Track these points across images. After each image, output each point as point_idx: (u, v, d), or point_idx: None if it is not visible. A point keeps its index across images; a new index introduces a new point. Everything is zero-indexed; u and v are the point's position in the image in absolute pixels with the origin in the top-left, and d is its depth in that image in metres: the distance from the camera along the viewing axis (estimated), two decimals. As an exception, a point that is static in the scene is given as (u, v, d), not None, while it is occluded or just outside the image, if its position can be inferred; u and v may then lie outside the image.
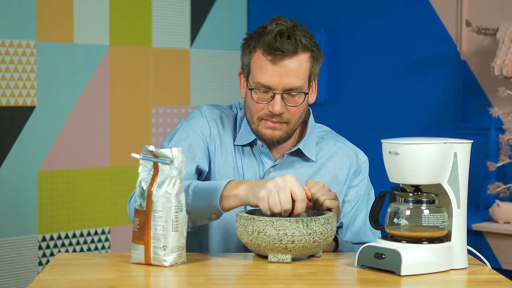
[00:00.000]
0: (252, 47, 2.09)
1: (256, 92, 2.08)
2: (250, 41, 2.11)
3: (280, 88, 2.06)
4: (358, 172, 2.21)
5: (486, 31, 3.54)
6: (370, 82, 4.13)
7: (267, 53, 2.04)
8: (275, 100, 2.06)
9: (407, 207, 1.83)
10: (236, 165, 2.17)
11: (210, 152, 2.17)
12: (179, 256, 1.82)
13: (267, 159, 2.17)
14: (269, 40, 2.03)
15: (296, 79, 2.06)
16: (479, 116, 3.73)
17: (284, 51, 2.03)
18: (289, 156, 2.18)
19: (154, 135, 4.18)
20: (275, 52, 2.04)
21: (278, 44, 2.03)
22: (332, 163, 2.20)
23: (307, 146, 2.18)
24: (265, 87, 2.06)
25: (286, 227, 1.82)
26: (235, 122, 2.21)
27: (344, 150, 2.22)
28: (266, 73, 2.05)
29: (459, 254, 1.83)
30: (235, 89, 4.57)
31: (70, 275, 1.75)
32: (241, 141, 2.18)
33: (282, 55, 2.04)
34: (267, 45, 2.04)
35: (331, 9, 4.26)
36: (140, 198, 1.82)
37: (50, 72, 3.77)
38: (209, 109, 2.21)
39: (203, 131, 2.17)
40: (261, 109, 2.09)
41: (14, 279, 3.66)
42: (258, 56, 2.07)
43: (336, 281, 1.78)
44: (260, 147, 2.17)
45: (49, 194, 3.77)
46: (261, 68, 2.06)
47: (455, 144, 1.83)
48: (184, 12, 4.31)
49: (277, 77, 2.05)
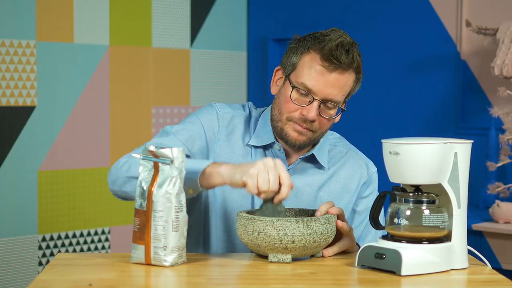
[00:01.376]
0: (307, 48, 2.07)
1: (296, 92, 2.07)
2: (304, 42, 2.09)
3: (321, 96, 2.05)
4: (368, 183, 2.21)
5: (486, 31, 3.54)
6: (370, 82, 4.12)
7: (324, 59, 2.03)
8: (312, 106, 2.05)
9: (408, 207, 1.83)
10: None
11: (210, 151, 2.15)
12: (179, 256, 1.82)
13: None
14: (330, 47, 2.03)
15: (339, 93, 2.06)
16: (479, 116, 3.73)
17: (341, 62, 2.03)
18: (302, 162, 2.17)
19: (154, 135, 4.18)
20: (331, 60, 2.03)
21: (338, 54, 2.03)
22: (343, 172, 2.19)
23: (320, 152, 2.17)
24: (307, 90, 2.05)
25: (286, 227, 1.82)
26: (249, 122, 2.19)
27: (356, 159, 2.22)
28: (313, 78, 2.04)
29: (459, 254, 1.84)
30: (235, 89, 4.60)
31: (70, 275, 1.75)
32: (258, 141, 2.15)
33: (336, 66, 2.04)
34: (326, 52, 2.03)
35: (331, 9, 4.26)
36: (140, 198, 1.82)
37: (50, 72, 3.77)
38: (222, 108, 2.19)
39: (213, 128, 2.15)
40: (294, 110, 2.07)
41: (14, 279, 3.66)
42: (312, 58, 2.06)
43: (336, 281, 1.78)
44: (277, 151, 2.15)
45: (49, 194, 3.77)
46: (310, 70, 2.05)
47: (455, 144, 1.83)
48: (184, 12, 4.31)
49: (322, 85, 2.04)
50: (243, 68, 4.58)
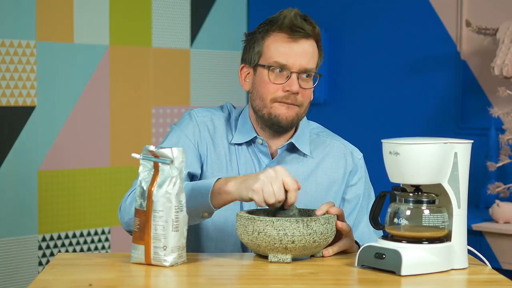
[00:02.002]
0: (265, 31, 2.13)
1: (272, 72, 2.11)
2: (261, 30, 2.14)
3: (296, 68, 2.10)
4: (355, 170, 2.22)
5: (486, 31, 3.54)
6: (370, 82, 4.13)
7: (287, 32, 2.09)
8: (292, 79, 2.10)
9: (408, 207, 1.83)
10: (231, 165, 2.17)
11: (202, 155, 2.17)
12: (179, 256, 1.82)
13: (264, 157, 2.17)
14: (290, 19, 2.09)
15: (311, 61, 2.12)
16: (479, 116, 3.73)
17: (305, 29, 2.10)
18: (285, 154, 2.18)
19: (154, 135, 4.18)
20: (296, 29, 2.09)
21: (299, 23, 2.10)
22: (328, 162, 2.21)
23: (300, 140, 2.19)
24: (281, 66, 2.10)
25: (286, 227, 1.82)
26: (229, 122, 2.22)
27: (340, 148, 2.23)
28: (284, 52, 2.10)
29: (459, 254, 1.83)
30: (235, 89, 4.60)
31: (70, 275, 1.75)
32: (240, 138, 2.18)
33: (302, 34, 2.10)
34: (287, 24, 2.09)
35: (331, 9, 4.26)
36: (140, 198, 1.82)
37: (50, 72, 3.77)
38: (199, 112, 2.23)
39: (194, 134, 2.18)
40: (275, 90, 2.11)
41: (14, 279, 3.66)
42: (275, 37, 2.11)
43: (336, 281, 1.78)
44: (259, 145, 2.17)
45: (49, 194, 3.77)
46: (278, 47, 2.10)
47: (455, 144, 1.83)
48: (184, 12, 4.31)
49: (294, 56, 2.09)
50: (243, 68, 4.57)
